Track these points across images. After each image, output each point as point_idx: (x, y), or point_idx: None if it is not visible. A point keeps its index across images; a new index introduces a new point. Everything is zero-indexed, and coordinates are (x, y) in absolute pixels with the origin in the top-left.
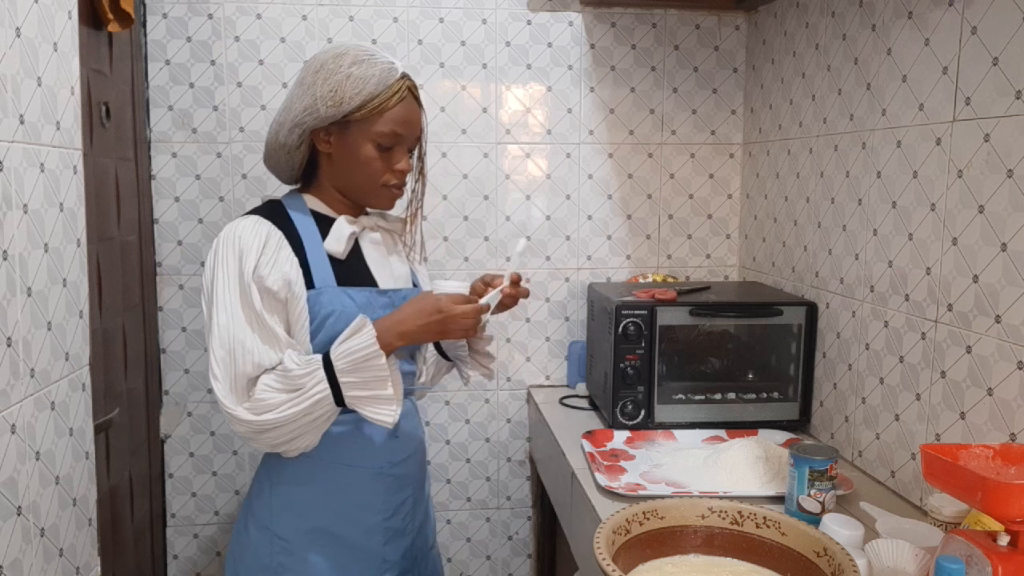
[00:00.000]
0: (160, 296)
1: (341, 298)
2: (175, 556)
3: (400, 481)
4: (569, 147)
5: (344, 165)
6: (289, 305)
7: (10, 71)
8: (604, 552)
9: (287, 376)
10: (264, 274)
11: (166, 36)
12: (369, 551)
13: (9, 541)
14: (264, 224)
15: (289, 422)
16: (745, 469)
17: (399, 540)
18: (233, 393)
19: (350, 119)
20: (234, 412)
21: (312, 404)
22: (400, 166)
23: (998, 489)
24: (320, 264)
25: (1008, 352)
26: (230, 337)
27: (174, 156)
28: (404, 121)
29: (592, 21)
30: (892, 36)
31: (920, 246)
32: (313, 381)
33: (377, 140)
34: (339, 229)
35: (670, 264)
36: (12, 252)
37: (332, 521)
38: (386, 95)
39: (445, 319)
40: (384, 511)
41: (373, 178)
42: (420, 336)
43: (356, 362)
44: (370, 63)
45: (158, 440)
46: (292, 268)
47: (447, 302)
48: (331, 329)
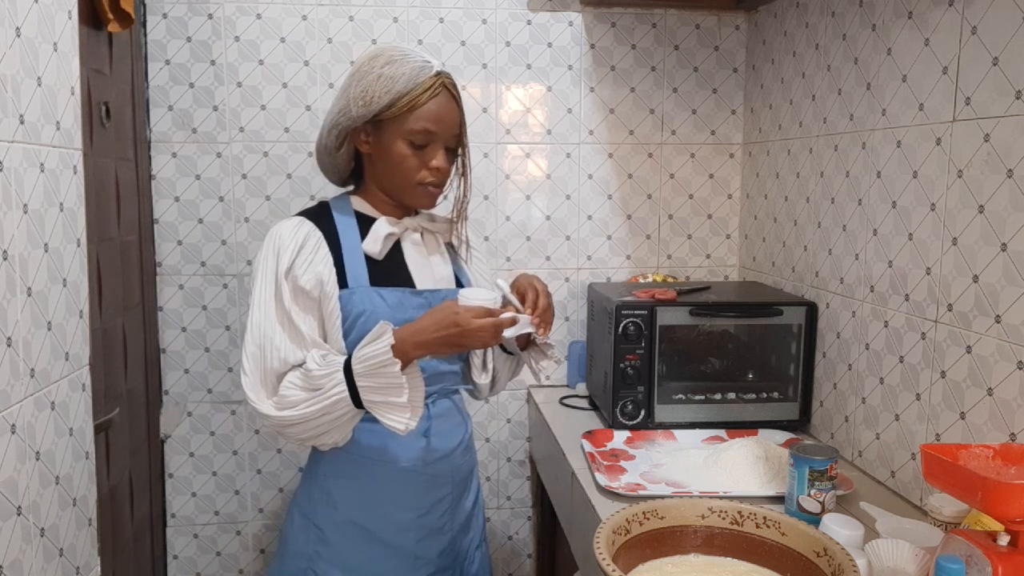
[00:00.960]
0: (160, 296)
1: (372, 298)
2: (175, 556)
3: (436, 480)
4: (569, 147)
5: (382, 165)
6: (322, 304)
7: (10, 71)
8: (604, 552)
9: (308, 375)
10: (299, 273)
11: (166, 36)
12: (401, 548)
13: (9, 541)
14: (305, 225)
15: (309, 419)
16: (745, 469)
17: (435, 538)
18: (263, 387)
19: (383, 118)
20: (259, 407)
21: (331, 404)
22: (436, 164)
23: (998, 489)
24: (355, 264)
25: (1008, 352)
26: (261, 334)
27: (174, 156)
28: (436, 118)
29: (592, 21)
30: (892, 36)
31: (920, 246)
32: (332, 382)
33: (409, 138)
34: (377, 230)
35: (670, 264)
36: (12, 252)
37: (364, 515)
38: (416, 92)
39: (462, 333)
40: (417, 508)
41: (409, 176)
42: (438, 347)
43: (372, 368)
44: (402, 62)
45: (158, 440)
46: (326, 268)
47: (465, 316)
48: (362, 328)
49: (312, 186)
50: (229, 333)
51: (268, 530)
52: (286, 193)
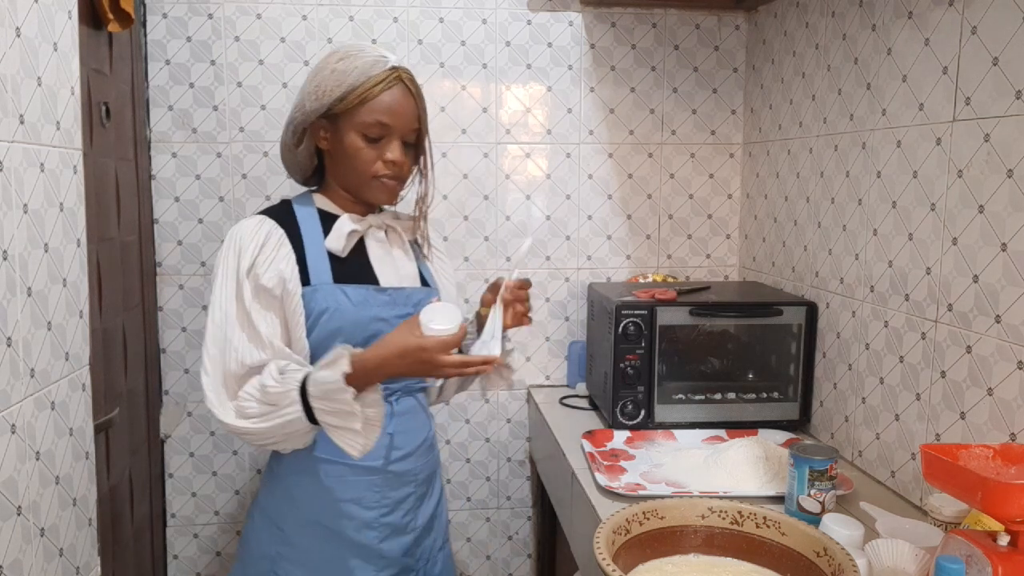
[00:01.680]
0: (160, 296)
1: (336, 295)
2: (175, 556)
3: (399, 478)
4: (569, 147)
5: (339, 160)
6: (284, 302)
7: (10, 71)
8: (604, 552)
9: (265, 390)
10: (260, 272)
11: (166, 36)
12: (365, 547)
13: (9, 541)
14: (267, 223)
15: (265, 433)
16: (745, 469)
17: (399, 537)
18: (224, 389)
19: (336, 112)
20: (217, 411)
21: (286, 422)
22: (390, 156)
23: (998, 489)
24: (318, 261)
25: (1008, 352)
26: (222, 335)
27: (174, 156)
28: (389, 111)
29: (592, 21)
30: (892, 36)
31: (920, 246)
32: (287, 401)
33: (363, 130)
34: (340, 227)
35: (670, 264)
36: (12, 252)
37: (327, 514)
38: (368, 84)
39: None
40: (381, 507)
41: (364, 170)
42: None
43: (325, 392)
44: (356, 57)
45: (158, 440)
46: (288, 265)
47: (432, 352)
48: (325, 326)
49: None
50: None
51: None
52: (286, 193)
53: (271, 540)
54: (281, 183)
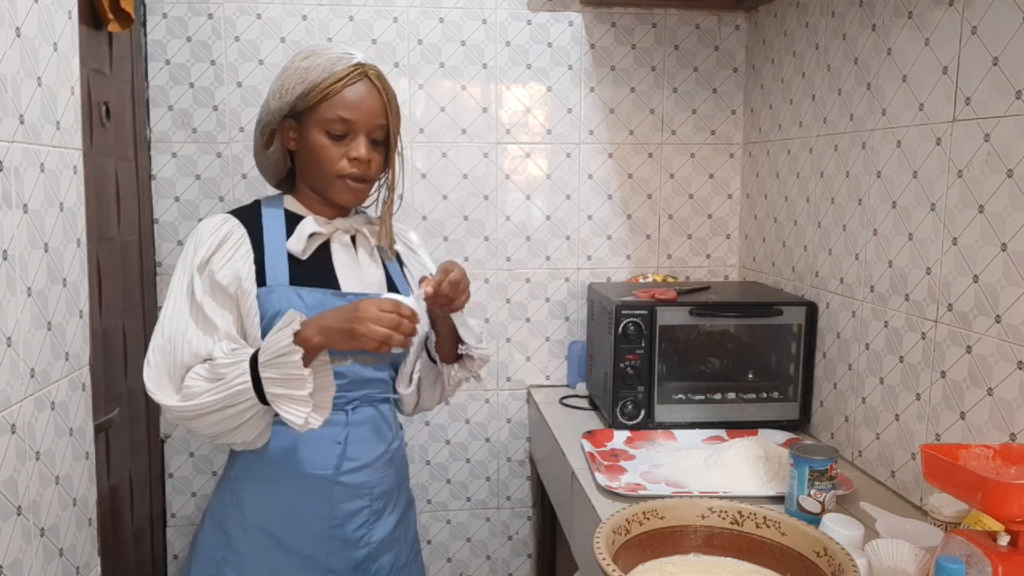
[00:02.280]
0: (160, 296)
1: (290, 297)
2: (175, 556)
3: (351, 490)
4: (569, 147)
5: (304, 159)
6: (239, 301)
7: (10, 71)
8: (604, 552)
9: (213, 365)
10: (215, 268)
11: (166, 36)
12: (312, 558)
13: (9, 541)
14: (229, 221)
15: (211, 410)
16: (745, 469)
17: (350, 551)
18: (168, 381)
19: (299, 109)
20: (158, 397)
21: (232, 394)
22: (355, 154)
23: (998, 489)
24: (276, 262)
25: (1008, 352)
26: (173, 327)
27: (174, 156)
28: (352, 107)
29: (592, 21)
30: (892, 36)
31: (920, 246)
32: (236, 372)
33: (326, 127)
34: (301, 228)
35: (670, 264)
36: (12, 252)
37: (274, 522)
38: (329, 81)
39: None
40: (330, 518)
41: (328, 168)
42: (336, 335)
43: (273, 356)
44: (319, 55)
45: (158, 440)
46: (245, 265)
47: (368, 303)
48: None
49: None
50: None
51: None
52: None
53: (217, 544)
54: None
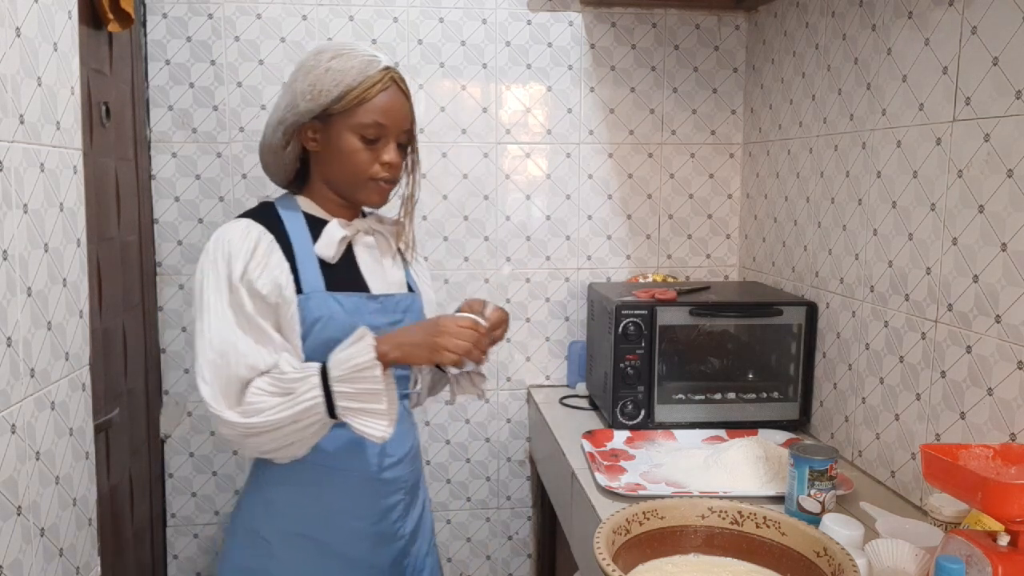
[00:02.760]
0: (160, 296)
1: (329, 303)
2: (175, 556)
3: (390, 485)
4: (569, 147)
5: (331, 161)
6: (280, 310)
7: (10, 71)
8: (604, 552)
9: (281, 379)
10: (254, 278)
11: (166, 36)
12: (355, 558)
13: (9, 541)
14: (255, 227)
15: (277, 427)
16: (745, 469)
17: (389, 545)
18: (224, 397)
19: (331, 112)
20: (222, 415)
21: (302, 410)
22: (387, 158)
23: (998, 489)
24: (310, 268)
25: (1008, 352)
26: (222, 340)
27: (174, 156)
28: (386, 111)
29: (592, 21)
30: (892, 36)
31: (920, 246)
32: (306, 387)
33: (360, 131)
34: (330, 233)
35: (670, 264)
36: (12, 252)
37: (315, 526)
38: (366, 85)
39: (439, 332)
40: (371, 516)
41: (359, 172)
42: (415, 350)
43: (351, 370)
44: (350, 56)
45: (158, 440)
46: (282, 273)
47: (447, 319)
48: (319, 335)
49: None
50: None
51: None
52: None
53: (255, 554)
54: None
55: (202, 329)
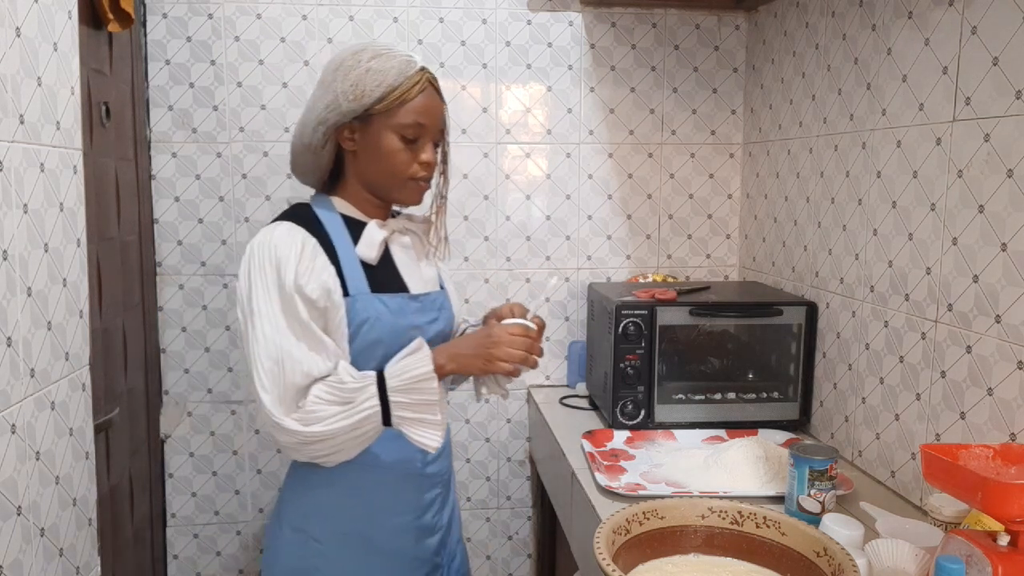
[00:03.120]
0: (160, 296)
1: (375, 305)
2: (175, 556)
3: (431, 479)
4: (569, 147)
5: (370, 160)
6: (328, 314)
7: (10, 71)
8: (604, 552)
9: (341, 388)
10: (303, 283)
11: (166, 36)
12: (399, 552)
13: (9, 541)
14: (298, 231)
15: (336, 435)
16: (745, 469)
17: (431, 537)
18: (282, 404)
19: (372, 112)
20: (282, 422)
21: (361, 419)
22: (425, 157)
23: (998, 489)
24: (353, 271)
25: (1008, 352)
26: (277, 348)
27: (174, 156)
28: (426, 111)
29: (592, 21)
30: (892, 36)
31: (920, 246)
32: (364, 396)
33: (400, 131)
34: (370, 234)
35: (670, 264)
36: (12, 252)
37: (362, 524)
38: (407, 85)
39: (494, 343)
40: (415, 511)
41: (399, 171)
42: (469, 361)
43: (409, 382)
44: (389, 56)
45: (158, 440)
46: (329, 276)
47: (500, 329)
48: (366, 336)
49: None
50: (229, 333)
51: None
52: (286, 193)
53: (305, 553)
54: (281, 183)
55: (255, 337)
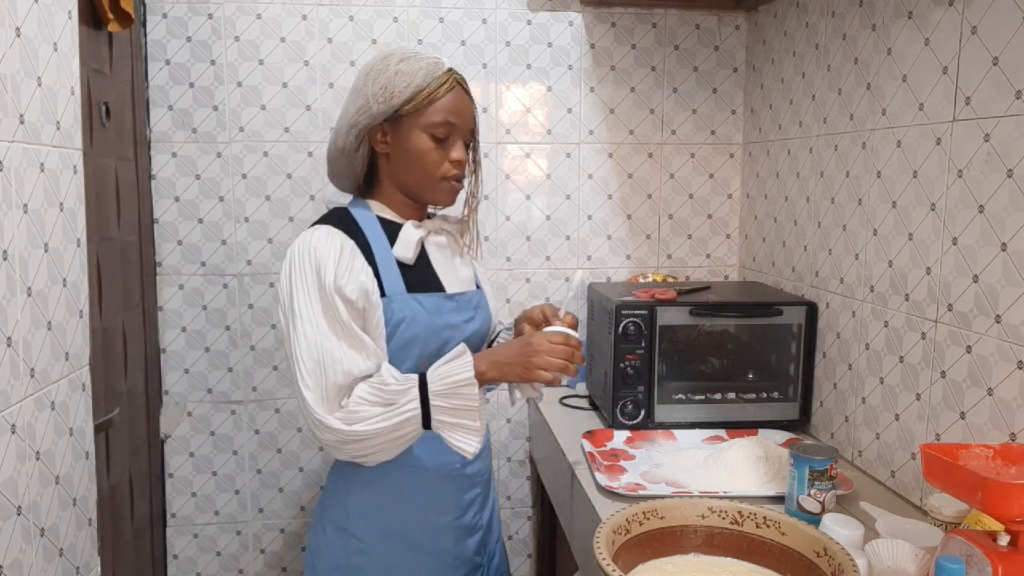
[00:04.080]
0: (160, 296)
1: (411, 304)
2: (175, 556)
3: (471, 479)
4: (569, 147)
5: (402, 162)
6: (367, 314)
7: (10, 71)
8: (604, 552)
9: (384, 389)
10: (342, 284)
11: (166, 36)
12: (440, 551)
13: (9, 541)
14: (337, 234)
15: (377, 435)
16: (745, 469)
17: (471, 537)
18: (324, 403)
19: (402, 113)
20: (325, 421)
21: (401, 421)
22: (456, 156)
23: (998, 489)
24: (390, 271)
25: (1008, 352)
26: (318, 349)
27: (174, 156)
28: (455, 110)
29: (592, 21)
30: (892, 36)
31: (920, 246)
32: (407, 398)
33: (430, 131)
34: (407, 235)
35: (670, 264)
36: (12, 252)
37: (404, 522)
38: (435, 85)
39: (534, 351)
40: (455, 510)
41: (431, 171)
42: (509, 369)
43: (450, 386)
44: (416, 59)
45: (158, 440)
46: (367, 277)
47: (541, 337)
48: (402, 335)
49: (312, 186)
50: (229, 333)
51: (268, 530)
52: (286, 193)
53: (348, 552)
54: (281, 183)
55: (297, 338)
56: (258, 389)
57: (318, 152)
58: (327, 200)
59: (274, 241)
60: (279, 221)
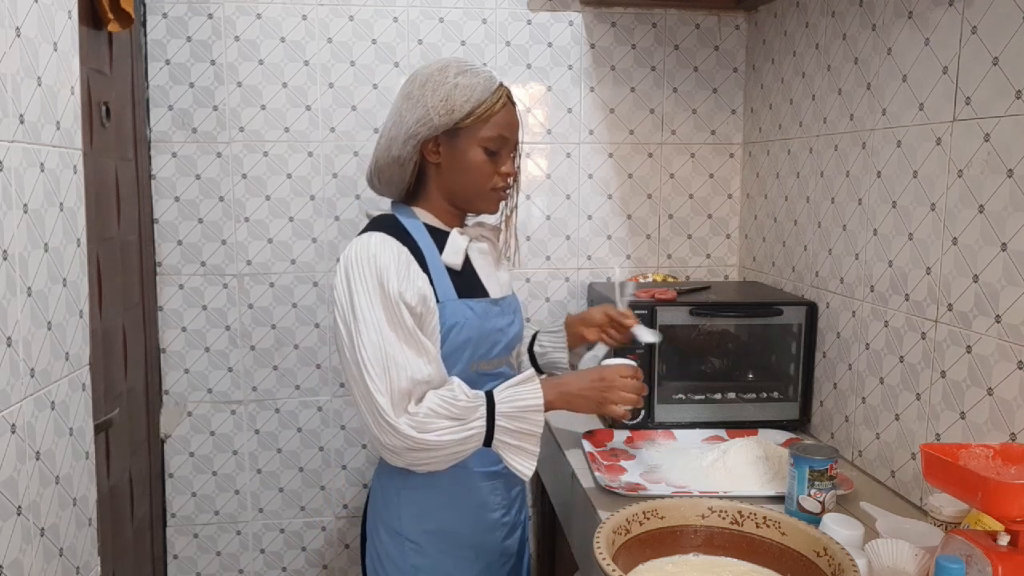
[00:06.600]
0: (160, 296)
1: (463, 310)
2: (175, 556)
3: (514, 477)
4: (569, 147)
5: (454, 172)
6: (424, 320)
7: (10, 71)
8: (604, 552)
9: (455, 404)
10: (403, 290)
11: (166, 36)
12: (492, 547)
13: (9, 541)
14: (392, 241)
15: (442, 447)
16: (745, 469)
17: (515, 532)
18: (393, 407)
19: (460, 126)
20: (396, 425)
21: (467, 436)
22: (506, 169)
23: (998, 489)
24: (441, 277)
25: (1008, 352)
26: (382, 355)
27: (174, 156)
28: (508, 125)
29: (592, 21)
30: (892, 36)
31: (920, 246)
32: (475, 415)
33: (486, 145)
34: (455, 242)
35: (670, 264)
36: (12, 252)
37: (457, 522)
38: (492, 100)
39: (608, 386)
40: (503, 507)
41: (482, 183)
42: (579, 400)
43: (518, 410)
44: (473, 72)
45: (158, 440)
46: (424, 283)
47: (612, 371)
48: (454, 340)
49: (312, 186)
50: (229, 333)
51: (268, 530)
52: (286, 193)
53: (406, 554)
54: (281, 183)
55: (361, 344)
56: (258, 389)
57: (318, 152)
58: (327, 200)
59: (274, 241)
60: (279, 221)
